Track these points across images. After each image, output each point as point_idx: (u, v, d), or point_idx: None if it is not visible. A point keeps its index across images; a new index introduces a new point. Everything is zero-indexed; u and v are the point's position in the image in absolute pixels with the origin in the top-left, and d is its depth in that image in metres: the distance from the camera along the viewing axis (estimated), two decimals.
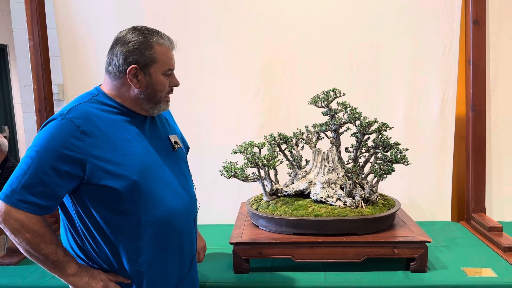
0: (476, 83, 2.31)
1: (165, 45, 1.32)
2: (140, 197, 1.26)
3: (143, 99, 1.33)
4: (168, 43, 1.33)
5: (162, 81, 1.33)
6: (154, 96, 1.33)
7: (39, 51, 2.29)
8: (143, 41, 1.29)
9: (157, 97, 1.34)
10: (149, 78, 1.31)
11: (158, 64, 1.31)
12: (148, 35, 1.30)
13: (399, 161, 1.82)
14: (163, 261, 1.33)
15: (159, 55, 1.30)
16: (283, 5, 2.44)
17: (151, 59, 1.29)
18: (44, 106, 2.32)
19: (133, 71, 1.28)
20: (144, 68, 1.29)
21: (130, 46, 1.28)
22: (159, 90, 1.33)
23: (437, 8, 2.36)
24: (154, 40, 1.30)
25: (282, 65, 2.47)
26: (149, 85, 1.31)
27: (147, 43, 1.29)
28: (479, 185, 2.35)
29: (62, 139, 1.19)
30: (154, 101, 1.34)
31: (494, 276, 1.73)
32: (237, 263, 1.80)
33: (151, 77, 1.31)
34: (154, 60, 1.30)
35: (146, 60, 1.29)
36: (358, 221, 1.77)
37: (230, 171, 1.85)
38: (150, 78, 1.31)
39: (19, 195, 1.16)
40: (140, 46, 1.28)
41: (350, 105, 1.93)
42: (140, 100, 1.33)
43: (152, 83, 1.31)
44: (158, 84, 1.32)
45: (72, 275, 1.24)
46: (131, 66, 1.28)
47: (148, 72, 1.30)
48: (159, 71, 1.32)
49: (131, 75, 1.29)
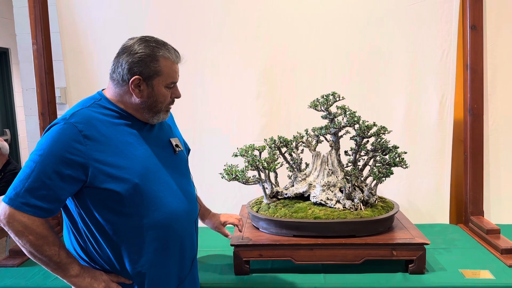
0: (474, 87, 2.33)
1: (170, 59, 1.33)
2: (142, 200, 1.28)
3: (144, 108, 1.34)
4: (174, 57, 1.35)
5: (164, 93, 1.35)
6: (154, 107, 1.35)
7: (42, 55, 2.31)
8: (149, 53, 1.30)
9: (157, 108, 1.35)
10: (151, 89, 1.32)
11: (162, 77, 1.32)
12: (155, 48, 1.31)
13: (398, 164, 1.84)
14: (164, 262, 1.35)
15: (163, 69, 1.32)
16: (283, 9, 2.47)
17: (155, 71, 1.31)
18: (47, 110, 2.34)
19: (136, 82, 1.30)
20: (147, 79, 1.31)
21: (136, 57, 1.29)
22: (160, 102, 1.35)
23: (435, 14, 2.39)
24: (161, 54, 1.31)
25: (282, 69, 2.50)
26: (150, 96, 1.33)
27: (153, 56, 1.30)
28: (477, 188, 2.36)
29: (65, 143, 1.21)
30: (154, 111, 1.36)
31: (492, 278, 1.74)
32: (237, 264, 1.82)
33: (153, 89, 1.32)
34: (158, 73, 1.31)
35: (150, 73, 1.30)
36: (357, 223, 1.79)
37: (230, 174, 1.86)
38: (152, 90, 1.32)
39: (23, 198, 1.18)
40: (146, 59, 1.29)
41: (349, 109, 1.95)
42: (141, 109, 1.35)
43: (153, 95, 1.33)
44: (160, 96, 1.34)
45: (74, 276, 1.26)
46: (135, 77, 1.29)
47: (151, 84, 1.32)
48: (162, 84, 1.33)
49: (134, 85, 1.30)
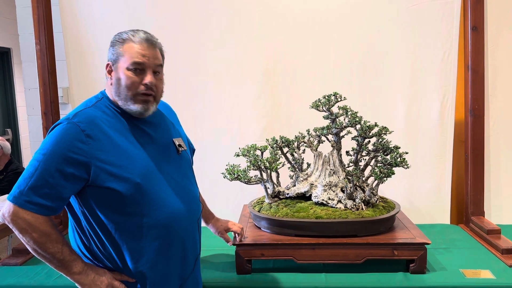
0: (475, 88, 2.34)
1: (134, 40, 1.31)
2: (143, 199, 1.29)
3: (116, 97, 1.34)
4: (138, 38, 1.31)
5: (128, 76, 1.30)
6: (121, 92, 1.31)
7: (45, 55, 2.32)
8: (118, 38, 1.34)
9: (125, 93, 1.31)
10: (116, 73, 1.32)
11: (124, 58, 1.31)
12: (124, 33, 1.34)
13: (399, 164, 1.84)
14: (166, 261, 1.35)
15: (126, 49, 1.31)
16: (285, 10, 2.47)
17: (119, 53, 1.32)
18: (50, 109, 2.35)
19: (108, 68, 1.35)
20: (114, 63, 1.33)
21: (110, 45, 1.35)
22: (126, 86, 1.30)
23: (436, 15, 2.39)
24: (125, 37, 1.32)
25: (284, 69, 2.50)
26: (117, 80, 1.32)
27: (120, 39, 1.33)
28: (478, 189, 2.36)
29: (68, 142, 1.22)
30: (124, 98, 1.32)
31: (492, 278, 1.75)
32: (239, 264, 1.82)
33: (117, 72, 1.32)
34: (121, 54, 1.31)
35: (116, 55, 1.33)
36: (358, 223, 1.80)
37: (232, 173, 1.87)
38: (117, 73, 1.32)
39: (26, 196, 1.20)
40: (113, 44, 1.34)
41: (350, 109, 1.95)
42: (117, 98, 1.34)
43: (119, 78, 1.31)
44: (124, 79, 1.30)
45: (78, 273, 1.27)
46: (106, 63, 1.35)
47: (116, 67, 1.33)
48: (124, 65, 1.30)
49: (107, 72, 1.35)
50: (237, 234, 1.82)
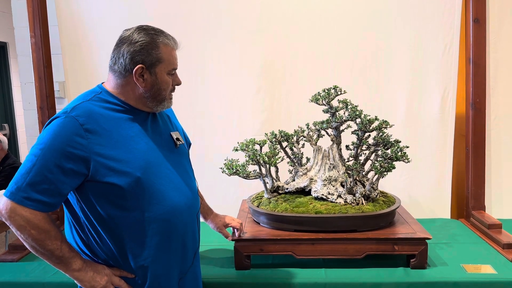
0: (476, 81, 2.32)
1: (170, 45, 1.35)
2: (143, 194, 1.28)
3: (148, 97, 1.35)
4: (173, 43, 1.37)
5: (166, 80, 1.36)
6: (158, 95, 1.36)
7: (40, 49, 2.29)
8: (150, 41, 1.31)
9: (161, 96, 1.37)
10: (154, 77, 1.33)
11: (164, 63, 1.34)
12: (154, 35, 1.32)
13: (400, 158, 1.83)
14: (166, 256, 1.35)
15: (164, 55, 1.33)
16: (284, 3, 2.45)
17: (157, 59, 1.32)
18: (45, 104, 2.33)
19: (140, 71, 1.31)
20: (150, 67, 1.32)
21: (137, 46, 1.30)
22: (163, 89, 1.36)
23: (437, 7, 2.37)
24: (160, 40, 1.33)
25: (283, 63, 2.48)
26: (154, 84, 1.34)
27: (153, 43, 1.31)
28: (479, 183, 2.36)
29: (66, 137, 1.20)
30: (158, 100, 1.37)
31: (494, 273, 1.74)
32: (238, 259, 1.81)
33: (156, 77, 1.33)
34: (160, 60, 1.32)
35: (153, 60, 1.31)
36: (358, 218, 1.78)
37: (231, 168, 1.86)
38: (155, 78, 1.33)
39: (24, 192, 1.17)
40: (147, 46, 1.30)
41: (350, 103, 1.94)
42: (145, 98, 1.35)
43: (157, 82, 1.34)
44: (163, 83, 1.35)
45: (77, 270, 1.25)
46: (138, 66, 1.30)
47: (154, 72, 1.33)
48: (164, 71, 1.34)
49: (138, 75, 1.31)
50: (236, 230, 1.81)
